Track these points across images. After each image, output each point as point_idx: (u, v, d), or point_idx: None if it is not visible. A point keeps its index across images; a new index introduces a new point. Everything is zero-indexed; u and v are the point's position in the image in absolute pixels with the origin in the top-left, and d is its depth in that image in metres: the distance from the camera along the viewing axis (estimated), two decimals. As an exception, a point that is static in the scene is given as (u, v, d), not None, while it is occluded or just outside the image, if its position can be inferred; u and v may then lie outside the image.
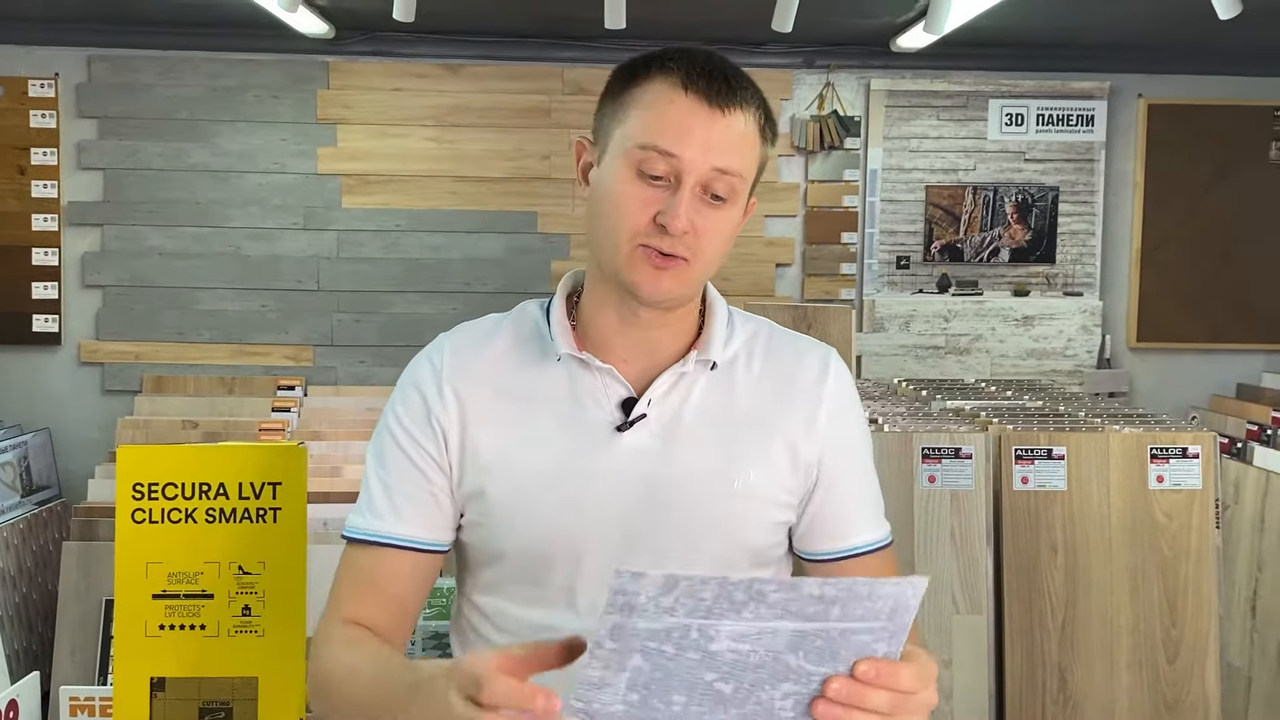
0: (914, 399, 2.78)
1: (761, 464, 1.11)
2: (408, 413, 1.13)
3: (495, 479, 1.10)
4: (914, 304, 4.28)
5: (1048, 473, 2.19)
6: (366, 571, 1.12)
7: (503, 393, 1.12)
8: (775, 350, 1.17)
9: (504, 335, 1.16)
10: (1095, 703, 2.18)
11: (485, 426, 1.10)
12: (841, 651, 0.81)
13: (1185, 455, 2.19)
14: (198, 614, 1.63)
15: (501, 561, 1.11)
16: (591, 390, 1.10)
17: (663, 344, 1.12)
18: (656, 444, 1.09)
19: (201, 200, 4.06)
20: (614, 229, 1.05)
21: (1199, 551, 2.18)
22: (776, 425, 1.13)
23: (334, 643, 1.10)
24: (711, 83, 1.04)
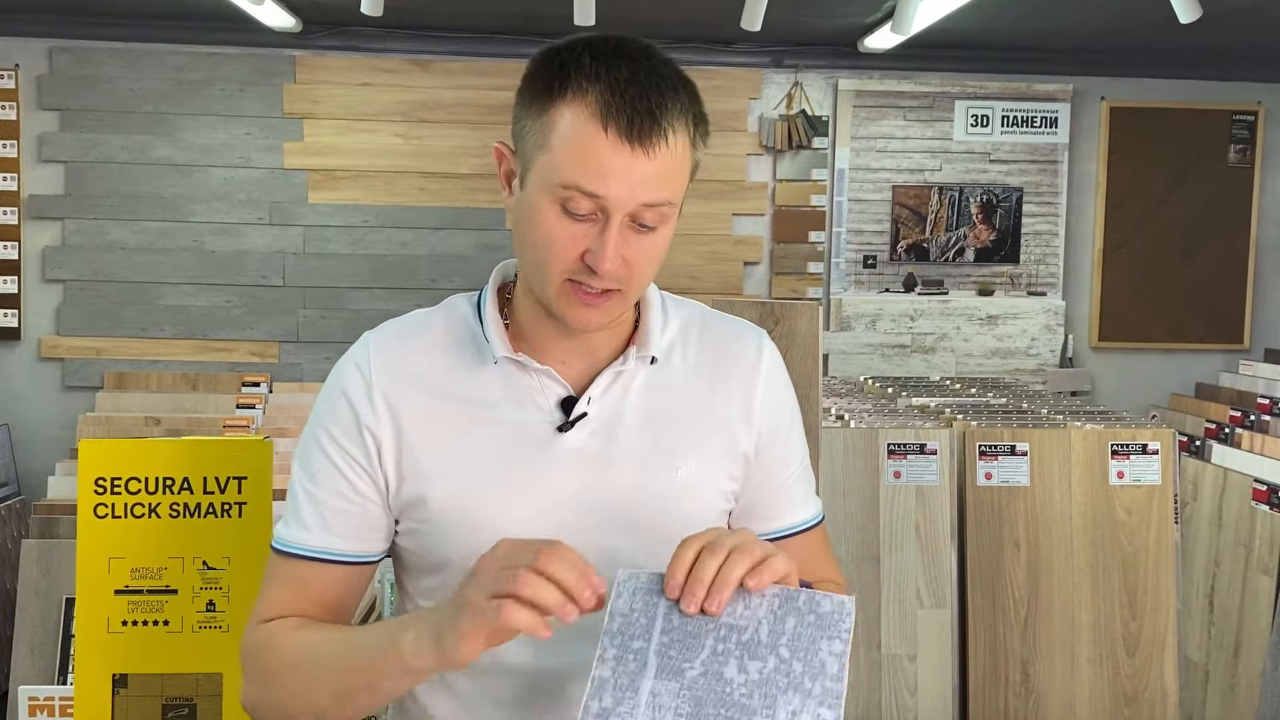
0: (880, 396, 2.80)
1: (701, 455, 1.11)
2: (336, 423, 1.08)
3: (435, 486, 1.06)
4: (880, 303, 4.31)
5: (1011, 468, 2.22)
6: (297, 579, 1.09)
7: (437, 395, 1.08)
8: (709, 337, 1.16)
9: (434, 333, 1.11)
10: (1056, 695, 2.21)
11: (421, 432, 1.07)
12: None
13: (1145, 452, 2.23)
14: (161, 610, 1.61)
15: (446, 568, 1.08)
16: (529, 391, 1.08)
17: (600, 344, 1.11)
18: (598, 442, 1.08)
19: (165, 195, 4.01)
20: (542, 263, 1.02)
21: (1158, 547, 2.22)
22: (715, 416, 1.13)
23: (279, 629, 1.07)
24: (633, 119, 0.97)
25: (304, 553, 1.08)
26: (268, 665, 1.07)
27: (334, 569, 1.09)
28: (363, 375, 1.09)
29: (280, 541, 1.10)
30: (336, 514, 1.07)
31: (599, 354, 1.11)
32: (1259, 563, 3.24)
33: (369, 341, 1.12)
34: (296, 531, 1.09)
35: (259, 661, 1.08)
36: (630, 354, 1.10)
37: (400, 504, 1.08)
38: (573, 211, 1.00)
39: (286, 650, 1.05)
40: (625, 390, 1.10)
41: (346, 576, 1.09)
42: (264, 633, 1.08)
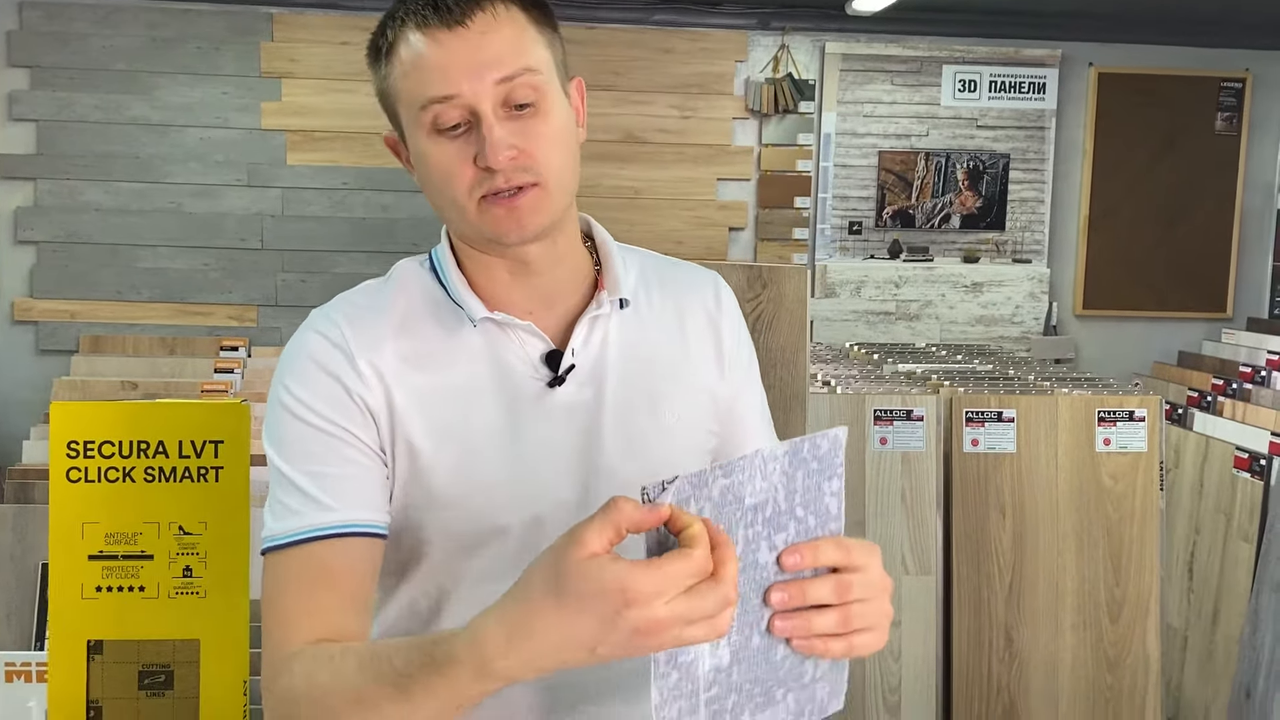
0: (866, 362, 2.79)
1: (685, 401, 1.10)
2: (319, 397, 1.00)
3: (438, 458, 1.01)
4: (865, 270, 4.29)
5: (997, 435, 2.21)
6: (317, 574, 0.96)
7: (421, 365, 1.02)
8: (668, 281, 1.14)
9: (395, 304, 1.05)
10: (1040, 661, 2.21)
11: (414, 403, 1.01)
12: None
13: (1132, 418, 2.22)
14: (136, 575, 1.58)
15: (449, 540, 1.03)
16: (512, 350, 1.05)
17: (562, 291, 1.08)
18: (589, 393, 1.05)
19: (141, 155, 3.94)
20: (450, 196, 0.99)
21: (1143, 513, 2.21)
22: (691, 362, 1.12)
23: (301, 663, 0.93)
24: (439, 5, 0.97)
25: (324, 532, 0.97)
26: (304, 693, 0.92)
27: (360, 546, 0.98)
28: (337, 345, 1.01)
29: (284, 535, 0.97)
30: (348, 482, 0.98)
31: (563, 304, 1.08)
32: (1239, 530, 3.25)
33: (330, 316, 1.04)
34: (307, 515, 0.97)
35: (285, 710, 0.93)
36: (602, 298, 1.07)
37: (400, 479, 1.02)
38: (445, 128, 0.98)
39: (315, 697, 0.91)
40: (605, 338, 1.08)
41: (371, 555, 0.99)
42: (291, 660, 0.93)
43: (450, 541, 1.04)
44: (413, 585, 1.07)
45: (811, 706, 0.87)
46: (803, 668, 0.85)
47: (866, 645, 0.85)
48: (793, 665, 0.85)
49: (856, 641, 0.84)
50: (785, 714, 0.85)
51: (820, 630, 0.83)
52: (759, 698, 0.84)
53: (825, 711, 0.89)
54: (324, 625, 0.95)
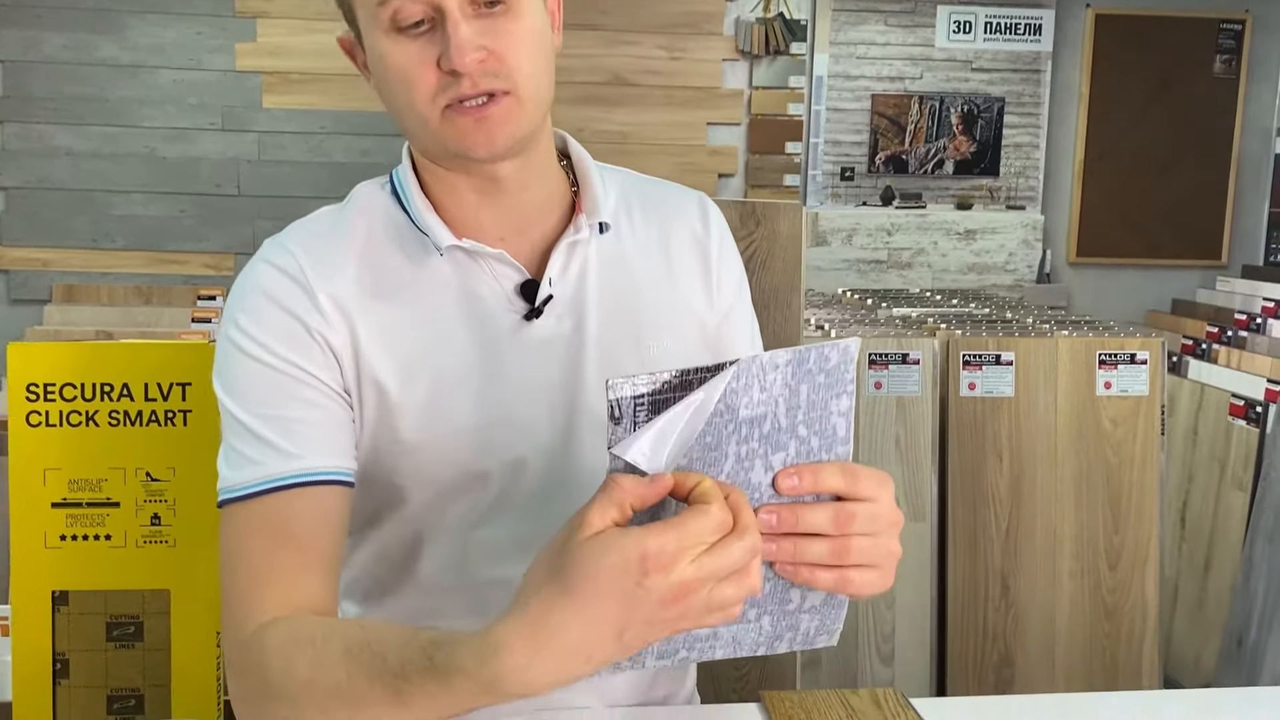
0: (859, 307, 2.72)
1: (671, 333, 1.02)
2: (274, 334, 0.91)
3: (406, 398, 0.93)
4: (857, 217, 4.21)
5: (995, 379, 2.15)
6: (281, 529, 0.87)
7: (385, 297, 0.94)
8: (651, 205, 1.06)
9: (355, 231, 0.96)
10: (1037, 609, 2.17)
11: (379, 339, 0.93)
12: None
13: (1134, 361, 2.16)
14: (102, 523, 1.52)
15: (424, 486, 0.96)
16: (483, 280, 0.96)
17: (536, 214, 0.99)
18: (569, 325, 0.98)
19: (112, 98, 3.81)
20: (408, 103, 0.89)
21: (1143, 458, 2.17)
22: (678, 291, 1.04)
23: (279, 642, 0.82)
24: None
25: (286, 481, 0.87)
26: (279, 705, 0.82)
27: (327, 496, 0.89)
28: (292, 277, 0.93)
29: (243, 485, 0.88)
30: (310, 427, 0.89)
31: (537, 229, 0.99)
32: (1233, 478, 3.22)
33: (284, 245, 0.96)
34: (267, 463, 0.88)
35: (263, 698, 0.83)
36: (580, 222, 0.99)
37: (367, 424, 0.94)
38: (405, 26, 0.88)
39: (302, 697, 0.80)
40: (584, 266, 1.00)
41: (339, 506, 0.90)
42: (258, 653, 0.83)
43: (426, 487, 0.96)
44: (385, 532, 1.00)
45: (793, 635, 0.79)
46: (788, 595, 0.78)
47: (867, 584, 0.77)
48: (776, 590, 0.77)
49: (853, 577, 0.76)
50: (756, 634, 0.78)
51: (810, 558, 0.75)
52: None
53: (810, 644, 0.81)
54: (291, 589, 0.86)
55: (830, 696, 1.02)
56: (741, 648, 0.78)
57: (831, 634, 0.80)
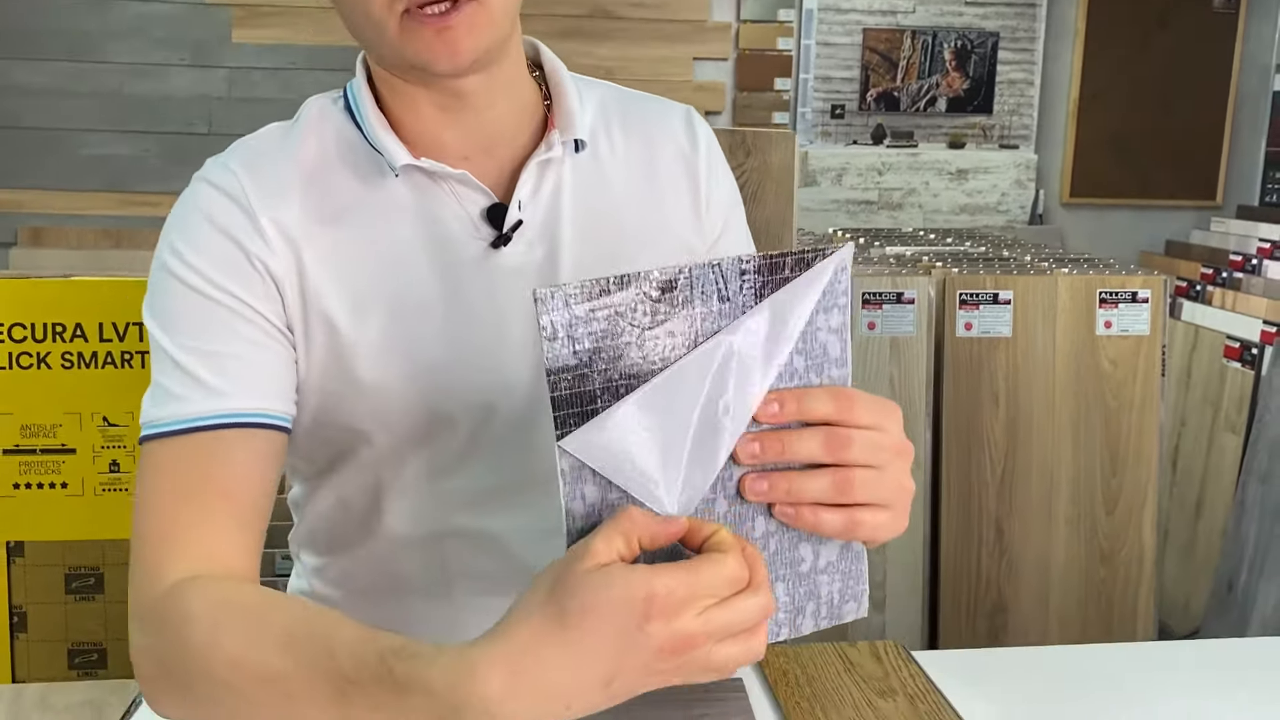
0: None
1: (655, 259, 0.92)
2: (211, 260, 0.82)
3: (361, 334, 0.85)
4: (847, 156, 4.11)
5: (992, 318, 2.08)
6: (203, 474, 0.78)
7: (334, 223, 0.85)
8: (633, 119, 0.97)
9: (304, 150, 0.87)
10: (1031, 555, 2.12)
11: (329, 269, 0.84)
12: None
13: (1135, 300, 2.09)
14: (58, 471, 1.44)
15: (385, 432, 0.88)
16: (445, 204, 0.87)
17: (504, 132, 0.90)
18: (540, 253, 0.89)
19: (73, 31, 3.66)
20: (363, 9, 0.80)
21: (1143, 400, 2.11)
22: (663, 215, 0.95)
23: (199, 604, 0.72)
24: None
25: (212, 421, 0.79)
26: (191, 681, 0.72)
27: (256, 440, 0.81)
28: (232, 198, 0.84)
29: (164, 422, 0.79)
30: (243, 364, 0.81)
31: (506, 148, 0.90)
32: (1226, 421, 3.18)
33: (226, 164, 0.87)
34: (192, 400, 0.79)
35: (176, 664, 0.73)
36: (553, 139, 0.90)
37: (314, 362, 0.85)
38: None
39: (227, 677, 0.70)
40: (557, 187, 0.91)
41: (266, 453, 0.81)
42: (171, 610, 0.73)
43: (385, 433, 0.88)
44: (344, 480, 0.92)
45: (815, 606, 0.68)
46: (797, 551, 0.67)
47: (879, 526, 0.67)
48: (782, 546, 0.66)
49: (863, 518, 0.66)
50: (775, 612, 0.66)
51: (809, 496, 0.65)
52: None
53: (839, 617, 0.70)
54: (210, 542, 0.77)
55: (827, 650, 0.96)
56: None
57: (859, 600, 0.70)
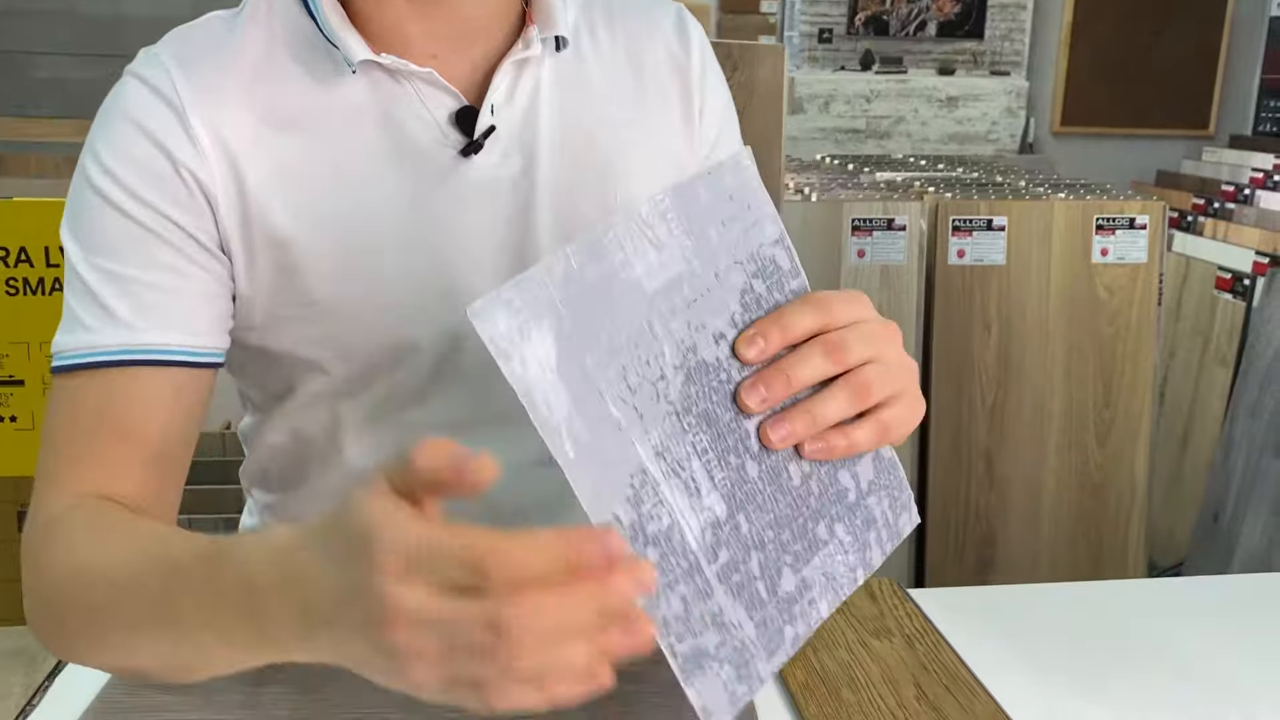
0: (839, 172, 2.55)
1: (642, 172, 0.86)
2: (132, 169, 0.73)
3: (313, 252, 0.77)
4: (835, 83, 4.00)
5: (986, 245, 2.01)
6: (103, 414, 0.72)
7: (282, 128, 0.76)
8: (618, 15, 0.88)
9: (248, 45, 0.78)
10: (1021, 486, 2.08)
11: (274, 180, 0.76)
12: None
13: (1133, 226, 2.02)
14: (6, 404, 1.36)
15: (342, 363, 0.81)
16: (408, 105, 0.79)
17: (478, 27, 0.81)
18: (516, 165, 0.81)
19: (26, -53, 3.49)
20: None
21: (1139, 328, 2.05)
22: (651, 123, 0.87)
23: (63, 528, 0.68)
24: None
25: (119, 356, 0.72)
26: (43, 581, 0.67)
27: (165, 378, 0.73)
28: (165, 101, 0.74)
29: (70, 354, 0.73)
30: (162, 295, 0.73)
31: (482, 46, 0.81)
32: (1216, 353, 3.15)
33: (158, 56, 0.77)
34: (100, 331, 0.72)
35: (34, 568, 0.68)
36: (531, 36, 0.81)
37: (257, 285, 0.77)
38: None
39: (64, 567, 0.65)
40: (535, 91, 0.82)
41: (183, 391, 0.74)
42: (40, 527, 0.69)
43: (343, 361, 0.80)
44: (298, 412, 0.84)
45: (877, 534, 0.64)
46: (838, 484, 0.62)
47: (902, 421, 0.61)
48: (823, 484, 0.62)
49: (888, 419, 0.61)
50: (841, 554, 0.62)
51: (833, 418, 0.59)
52: (796, 544, 0.60)
53: (898, 534, 0.66)
54: (101, 478, 0.70)
55: (820, 587, 0.90)
56: (839, 583, 0.62)
57: (909, 509, 0.66)
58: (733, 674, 0.57)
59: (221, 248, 0.76)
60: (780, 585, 0.59)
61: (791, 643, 0.60)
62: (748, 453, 0.59)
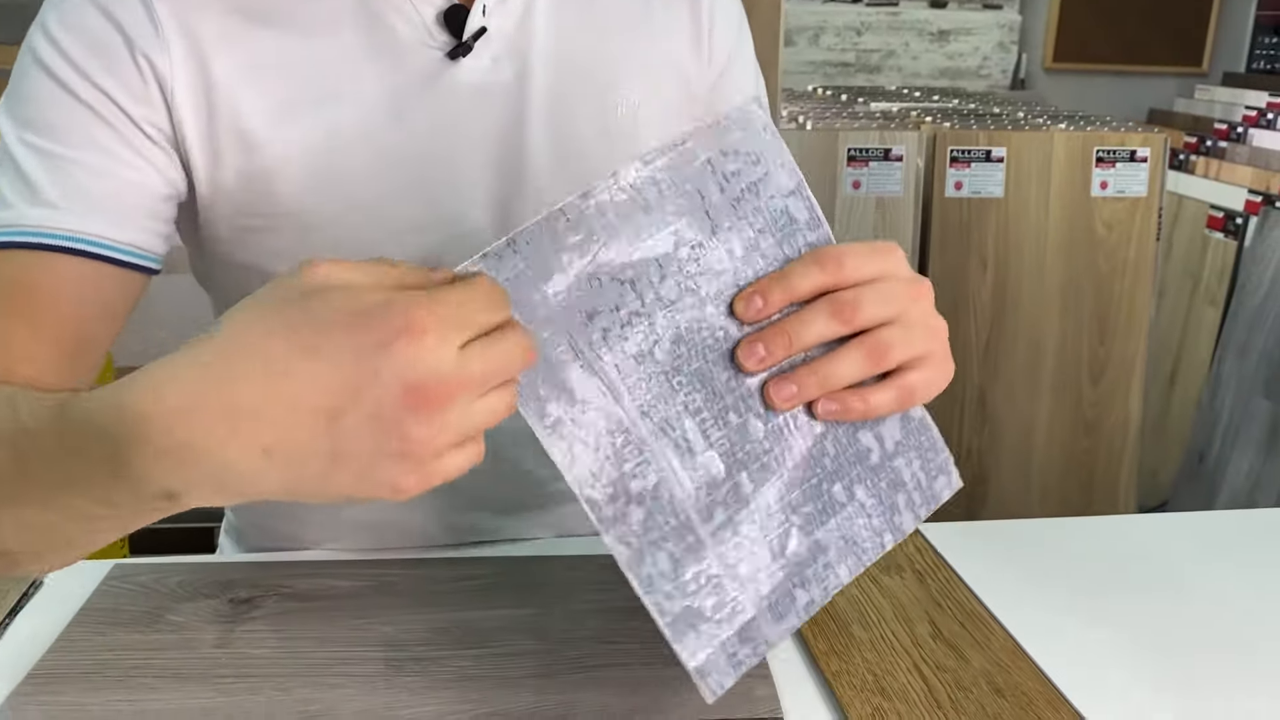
0: (833, 103, 2.49)
1: (645, 81, 0.80)
2: (82, 44, 0.67)
3: (284, 156, 0.71)
4: (825, 14, 3.90)
5: (984, 177, 1.96)
6: (11, 290, 0.65)
7: (255, 14, 0.70)
8: None
9: None
10: (1013, 425, 2.05)
11: (245, 74, 0.70)
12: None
13: (1133, 159, 1.98)
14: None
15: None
16: (392, 4, 0.73)
17: None
18: (508, 71, 0.75)
19: None
20: None
21: (1137, 264, 2.01)
22: (654, 24, 0.81)
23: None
24: None
25: (31, 238, 0.65)
26: None
27: (78, 268, 0.67)
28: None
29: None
30: (93, 178, 0.67)
31: None
32: (1206, 293, 3.12)
33: None
34: (18, 208, 0.66)
35: None
36: None
37: (217, 190, 0.71)
38: None
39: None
40: None
41: (98, 286, 0.68)
42: None
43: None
44: None
45: (905, 495, 0.60)
46: (859, 445, 0.58)
47: (929, 383, 0.58)
48: (840, 445, 0.58)
49: (912, 382, 0.57)
50: (864, 518, 0.59)
51: (846, 379, 0.56)
52: (807, 506, 0.57)
53: (935, 498, 0.62)
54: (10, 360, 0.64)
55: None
56: (861, 548, 0.59)
57: (947, 472, 0.62)
58: (734, 637, 0.55)
59: (176, 146, 0.70)
60: (788, 547, 0.57)
61: (804, 607, 0.57)
62: (751, 412, 0.56)
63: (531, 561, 0.78)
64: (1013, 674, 0.67)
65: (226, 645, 0.68)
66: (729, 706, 0.62)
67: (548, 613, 0.72)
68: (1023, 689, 0.65)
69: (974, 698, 0.64)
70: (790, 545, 0.56)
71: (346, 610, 0.72)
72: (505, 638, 0.69)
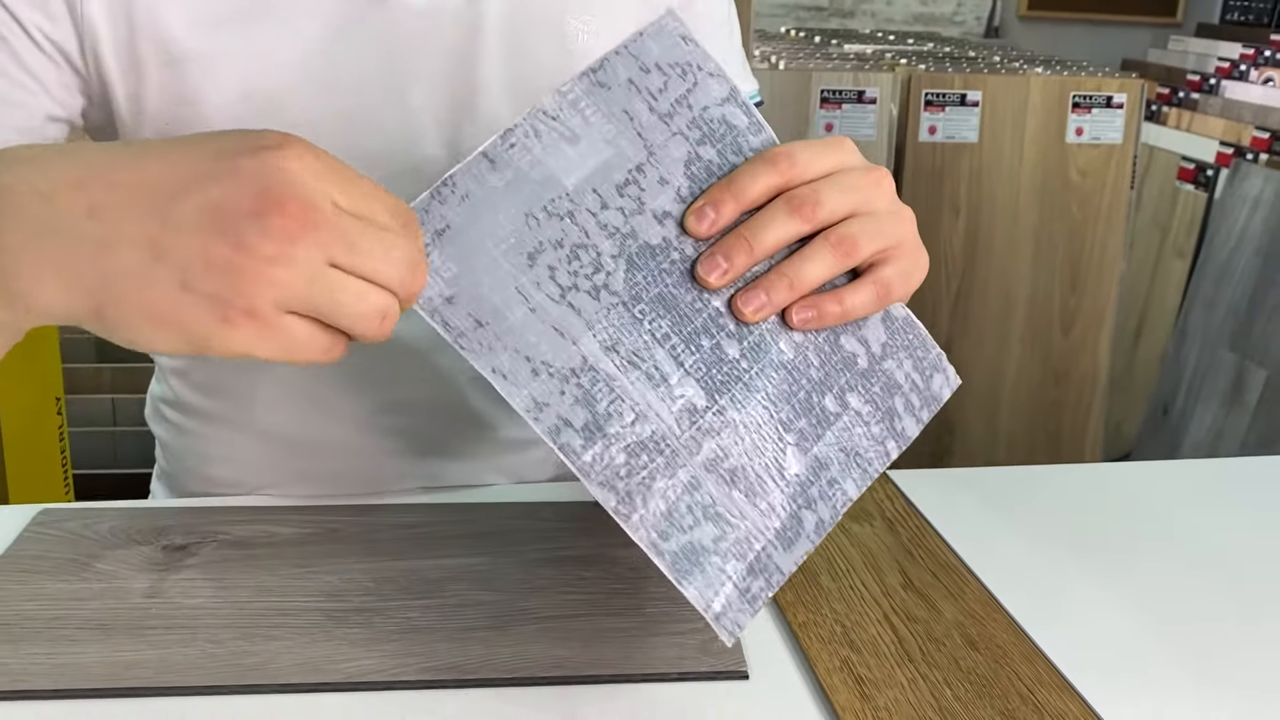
0: (806, 45, 2.43)
1: (606, 5, 0.74)
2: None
3: (215, 91, 0.66)
4: (798, -44, 3.83)
5: (959, 122, 1.92)
6: None
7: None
8: None
9: None
10: (981, 375, 2.03)
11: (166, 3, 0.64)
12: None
13: (1110, 105, 1.94)
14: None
15: None
16: None
17: None
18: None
19: None
20: None
21: (1110, 212, 1.99)
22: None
23: None
24: None
25: None
26: None
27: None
28: None
29: None
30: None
31: None
32: (1174, 245, 3.12)
33: None
34: None
35: None
36: None
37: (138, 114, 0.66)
38: None
39: None
40: None
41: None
42: None
43: None
44: None
45: (902, 399, 0.57)
46: (843, 351, 0.55)
47: (905, 275, 0.55)
48: (823, 353, 0.55)
49: (888, 276, 0.54)
50: (861, 426, 0.55)
51: (816, 279, 0.52)
52: (800, 421, 0.54)
53: (935, 398, 0.59)
54: None
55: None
56: (865, 459, 0.56)
57: (943, 370, 0.59)
58: (742, 569, 0.51)
59: (84, 62, 0.65)
60: (786, 468, 0.53)
61: (815, 529, 0.54)
62: (722, 332, 0.53)
63: (484, 508, 0.75)
64: (987, 626, 0.64)
65: (158, 595, 0.64)
66: (691, 660, 0.59)
67: (500, 562, 0.68)
68: (997, 641, 0.63)
69: (946, 650, 0.61)
70: (789, 466, 0.53)
71: (288, 558, 0.68)
72: (455, 588, 0.65)
